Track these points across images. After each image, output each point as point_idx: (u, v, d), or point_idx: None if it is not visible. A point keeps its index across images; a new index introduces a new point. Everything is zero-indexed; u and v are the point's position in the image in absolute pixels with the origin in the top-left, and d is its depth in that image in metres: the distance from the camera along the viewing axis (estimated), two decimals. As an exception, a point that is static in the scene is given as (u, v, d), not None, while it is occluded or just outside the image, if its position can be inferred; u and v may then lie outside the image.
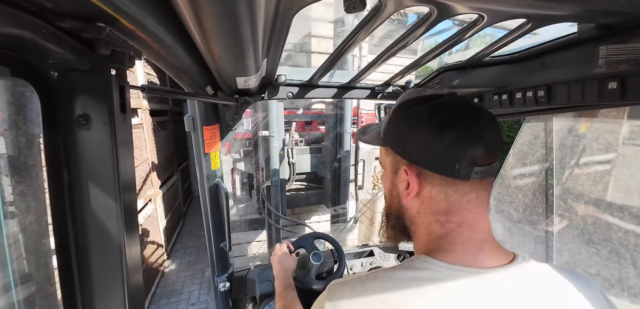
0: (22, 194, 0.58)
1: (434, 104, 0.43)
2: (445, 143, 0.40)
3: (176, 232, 4.32)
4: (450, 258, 0.41)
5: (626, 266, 1.78)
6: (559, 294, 0.40)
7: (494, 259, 0.41)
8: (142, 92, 0.64)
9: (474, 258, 0.41)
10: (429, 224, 0.45)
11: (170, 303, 2.78)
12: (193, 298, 2.95)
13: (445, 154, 0.40)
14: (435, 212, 0.44)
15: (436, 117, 0.42)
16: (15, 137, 0.57)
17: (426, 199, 0.44)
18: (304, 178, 3.09)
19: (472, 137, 0.40)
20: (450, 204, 0.42)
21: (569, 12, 0.46)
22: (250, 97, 0.98)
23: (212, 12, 0.34)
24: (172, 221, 4.07)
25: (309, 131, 3.17)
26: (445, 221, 0.43)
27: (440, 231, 0.43)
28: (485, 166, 0.40)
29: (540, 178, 2.40)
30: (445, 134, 0.40)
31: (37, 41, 0.33)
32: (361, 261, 1.54)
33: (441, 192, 0.43)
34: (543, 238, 2.36)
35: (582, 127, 2.19)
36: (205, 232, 1.32)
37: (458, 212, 0.42)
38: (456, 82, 0.85)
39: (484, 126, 0.41)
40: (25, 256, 0.62)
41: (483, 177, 0.41)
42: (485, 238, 0.42)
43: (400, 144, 0.46)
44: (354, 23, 2.04)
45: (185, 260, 3.71)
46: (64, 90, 0.42)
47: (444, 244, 0.43)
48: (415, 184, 0.44)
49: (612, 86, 0.55)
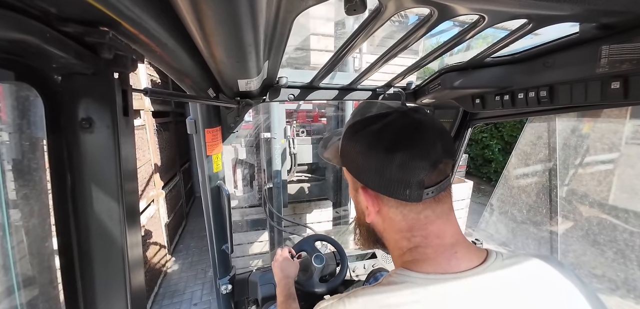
0: (26, 197, 0.59)
1: (381, 126, 0.43)
2: (394, 166, 0.40)
3: (179, 233, 4.36)
4: (425, 268, 0.42)
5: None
6: (533, 283, 0.40)
7: (467, 261, 0.42)
8: (145, 95, 0.64)
9: (448, 263, 0.42)
10: (396, 241, 0.46)
11: (172, 303, 2.83)
12: (195, 298, 2.98)
13: (395, 179, 0.41)
14: (398, 230, 0.45)
15: (383, 140, 0.42)
16: (19, 141, 0.58)
17: (387, 219, 0.46)
18: (306, 169, 3.03)
19: (419, 157, 0.40)
20: (409, 222, 0.43)
21: (570, 12, 0.46)
22: (252, 100, 0.99)
23: (214, 16, 0.34)
24: (174, 221, 4.11)
25: (311, 122, 3.11)
26: (410, 236, 0.44)
27: (409, 245, 0.44)
28: (436, 185, 0.41)
29: (544, 179, 2.39)
30: (394, 157, 0.40)
31: (41, 46, 0.33)
32: (364, 263, 1.53)
33: (398, 213, 0.44)
34: (547, 239, 2.34)
35: (586, 128, 2.17)
36: (207, 234, 1.32)
37: (419, 228, 0.43)
38: (457, 82, 0.85)
39: (430, 142, 0.41)
40: (28, 258, 0.63)
41: (435, 194, 0.42)
42: (456, 241, 0.43)
43: (355, 168, 0.46)
44: (355, 25, 2.05)
45: (188, 260, 3.74)
46: (68, 94, 0.43)
47: (417, 256, 0.44)
48: (373, 206, 0.45)
49: (615, 86, 0.54)
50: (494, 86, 0.84)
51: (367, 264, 1.53)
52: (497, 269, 0.41)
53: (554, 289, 0.40)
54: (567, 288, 0.40)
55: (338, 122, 2.79)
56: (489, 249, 0.45)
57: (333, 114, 2.85)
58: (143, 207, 2.89)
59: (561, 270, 0.42)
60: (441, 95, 0.96)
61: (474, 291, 0.39)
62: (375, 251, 1.63)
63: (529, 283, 0.40)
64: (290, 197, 2.76)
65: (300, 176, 3.02)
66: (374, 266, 1.51)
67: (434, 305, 0.38)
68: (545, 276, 0.41)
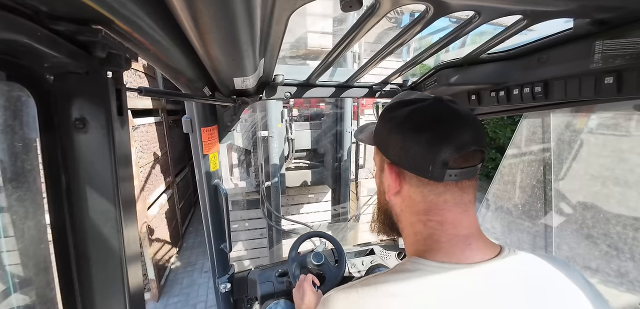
0: (20, 199, 0.58)
1: (415, 108, 0.45)
2: (421, 143, 0.42)
3: (188, 217, 5.08)
4: (439, 257, 0.42)
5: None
6: (545, 281, 0.41)
7: (481, 253, 0.43)
8: (139, 94, 0.64)
9: (462, 254, 0.42)
10: (412, 224, 0.47)
11: (186, 271, 3.67)
12: (205, 267, 3.75)
13: (421, 156, 0.42)
14: (416, 212, 0.46)
15: (414, 120, 0.44)
16: (12, 142, 0.57)
17: (406, 199, 0.47)
18: (304, 156, 2.97)
19: (446, 138, 0.41)
20: (427, 204, 0.44)
21: (564, 7, 0.46)
22: (248, 98, 0.98)
23: (209, 13, 0.33)
24: (185, 206, 4.85)
25: (308, 107, 3.02)
26: (426, 220, 0.45)
27: (424, 230, 0.45)
28: (460, 169, 0.41)
29: (538, 173, 2.42)
30: (422, 135, 0.42)
31: (32, 45, 0.33)
32: (362, 260, 1.54)
33: (418, 193, 0.45)
34: (542, 234, 2.37)
35: (580, 123, 2.20)
36: (205, 234, 1.32)
37: (437, 212, 0.44)
38: (453, 79, 0.85)
39: (458, 128, 0.42)
40: (24, 260, 0.62)
41: (459, 179, 0.42)
42: (471, 234, 0.44)
43: (384, 144, 0.49)
44: (351, 22, 2.04)
45: (198, 240, 4.49)
46: (60, 94, 0.42)
47: (431, 243, 0.44)
48: (395, 183, 0.47)
49: (608, 81, 0.55)
50: (489, 82, 0.84)
51: (366, 260, 1.54)
52: (509, 264, 0.41)
53: (563, 287, 0.41)
54: (576, 288, 0.41)
55: (337, 107, 2.75)
56: (503, 245, 0.45)
57: (332, 100, 2.81)
58: (162, 190, 3.60)
59: (569, 270, 0.43)
60: (437, 92, 0.96)
61: (486, 283, 0.39)
62: (373, 248, 1.64)
63: (538, 280, 0.41)
64: (288, 184, 2.71)
65: (298, 163, 2.96)
66: (373, 262, 1.52)
67: (447, 294, 0.38)
68: (554, 275, 0.42)
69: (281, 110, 2.42)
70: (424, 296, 0.38)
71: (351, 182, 3.00)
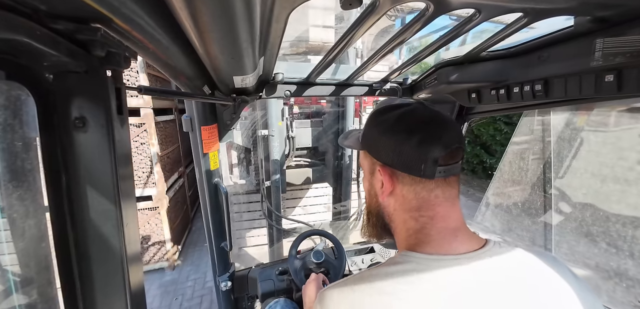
0: (21, 198, 0.58)
1: (403, 112, 0.49)
2: (413, 144, 0.45)
3: (196, 205, 5.48)
4: (428, 249, 0.45)
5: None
6: (530, 272, 0.43)
7: (467, 245, 0.45)
8: (139, 93, 0.64)
9: (450, 246, 0.45)
10: (404, 221, 0.49)
11: (196, 249, 4.29)
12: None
13: (412, 156, 0.45)
14: (408, 210, 0.48)
15: (404, 122, 0.48)
16: (12, 142, 0.57)
17: (399, 198, 0.49)
18: (305, 154, 2.94)
19: (435, 138, 0.44)
20: (420, 200, 0.47)
21: (565, 5, 0.46)
22: (248, 96, 0.98)
23: (208, 11, 0.33)
24: (193, 195, 5.22)
25: (309, 104, 2.97)
26: (418, 216, 0.47)
27: (416, 225, 0.48)
28: (448, 166, 0.45)
29: (538, 171, 2.42)
30: (413, 136, 0.45)
31: (32, 44, 0.32)
32: (362, 258, 1.54)
33: (411, 191, 0.47)
34: (541, 232, 2.38)
35: (580, 121, 2.20)
36: (205, 232, 1.32)
37: (428, 207, 0.47)
38: (453, 77, 0.85)
39: (443, 129, 0.46)
40: (25, 260, 0.62)
41: (447, 175, 0.46)
42: (458, 227, 0.47)
43: (375, 147, 0.51)
44: (351, 20, 2.03)
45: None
46: (60, 93, 0.42)
47: (421, 237, 0.47)
48: (389, 184, 0.49)
49: (609, 79, 0.55)
50: (489, 80, 0.84)
51: (366, 258, 1.55)
52: (494, 255, 0.44)
53: (547, 279, 0.42)
54: (560, 280, 0.42)
55: (338, 105, 2.73)
56: (489, 239, 0.47)
57: (333, 98, 2.78)
58: (175, 178, 4.07)
59: (555, 264, 0.44)
60: (437, 90, 0.96)
61: (470, 272, 0.41)
62: (373, 246, 1.64)
63: (523, 270, 0.43)
64: (288, 182, 2.70)
65: (298, 161, 2.93)
66: (373, 260, 1.53)
67: (434, 282, 0.40)
68: (539, 266, 0.43)
69: (282, 108, 2.40)
70: (414, 287, 0.40)
71: (353, 181, 2.99)
